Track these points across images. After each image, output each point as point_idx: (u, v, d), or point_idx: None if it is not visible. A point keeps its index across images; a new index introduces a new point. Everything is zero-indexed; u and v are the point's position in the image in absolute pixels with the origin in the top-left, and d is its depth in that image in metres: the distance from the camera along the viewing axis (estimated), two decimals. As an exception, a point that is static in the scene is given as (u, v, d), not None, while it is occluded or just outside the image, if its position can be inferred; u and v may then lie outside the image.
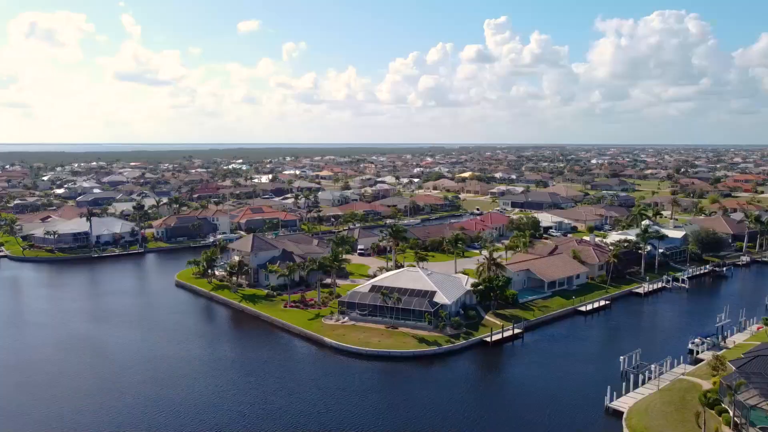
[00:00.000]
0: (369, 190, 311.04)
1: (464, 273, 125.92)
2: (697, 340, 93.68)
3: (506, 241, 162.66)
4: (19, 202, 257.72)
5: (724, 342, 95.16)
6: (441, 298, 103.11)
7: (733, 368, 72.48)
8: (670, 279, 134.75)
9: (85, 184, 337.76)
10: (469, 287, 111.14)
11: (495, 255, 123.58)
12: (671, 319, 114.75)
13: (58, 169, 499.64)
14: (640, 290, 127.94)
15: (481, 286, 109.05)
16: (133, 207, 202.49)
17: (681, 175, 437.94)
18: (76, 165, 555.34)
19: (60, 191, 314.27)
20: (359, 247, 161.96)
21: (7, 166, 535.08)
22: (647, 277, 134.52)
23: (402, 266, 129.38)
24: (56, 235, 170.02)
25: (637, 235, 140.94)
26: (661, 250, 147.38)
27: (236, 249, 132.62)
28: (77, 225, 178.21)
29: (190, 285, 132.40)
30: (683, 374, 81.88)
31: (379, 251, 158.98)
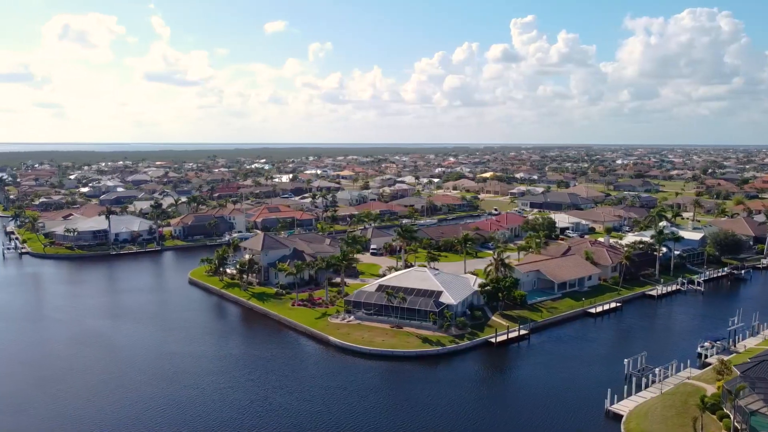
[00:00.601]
0: (387, 189, 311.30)
1: (473, 273, 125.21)
2: (706, 344, 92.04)
3: (521, 242, 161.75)
4: (44, 200, 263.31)
5: (734, 346, 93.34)
6: (447, 299, 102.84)
7: (738, 373, 71.19)
8: (685, 281, 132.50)
9: (109, 183, 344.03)
10: (476, 288, 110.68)
11: (507, 255, 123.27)
12: (683, 323, 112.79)
13: (85, 168, 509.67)
14: (654, 292, 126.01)
15: (488, 287, 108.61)
16: (151, 206, 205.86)
17: (708, 176, 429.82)
18: (103, 164, 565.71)
19: (85, 190, 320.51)
20: (372, 246, 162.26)
21: (37, 165, 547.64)
22: (662, 280, 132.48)
23: (412, 266, 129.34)
24: (76, 233, 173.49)
25: (652, 237, 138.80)
26: (677, 252, 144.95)
27: (248, 247, 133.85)
28: (97, 223, 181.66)
29: (203, 283, 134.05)
30: (688, 378, 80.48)
31: (392, 251, 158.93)
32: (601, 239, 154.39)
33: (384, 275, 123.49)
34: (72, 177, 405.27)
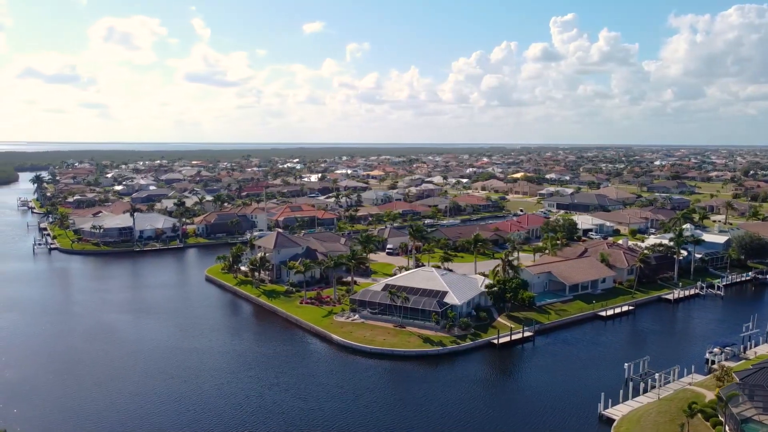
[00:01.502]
0: (413, 189, 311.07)
1: (483, 274, 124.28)
2: (715, 350, 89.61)
3: (539, 243, 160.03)
4: (78, 197, 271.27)
5: (744, 352, 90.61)
6: (452, 299, 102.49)
7: (737, 379, 69.23)
8: (704, 285, 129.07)
9: (142, 182, 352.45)
10: (484, 288, 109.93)
11: (516, 257, 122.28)
12: (696, 327, 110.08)
13: (123, 166, 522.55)
14: (670, 296, 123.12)
15: (495, 288, 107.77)
16: (175, 204, 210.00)
17: (748, 178, 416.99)
18: (140, 163, 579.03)
19: (119, 188, 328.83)
20: (388, 246, 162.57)
21: (77, 164, 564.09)
22: (680, 283, 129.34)
23: (423, 266, 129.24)
24: (102, 230, 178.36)
25: (671, 239, 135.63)
26: (699, 256, 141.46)
27: (261, 246, 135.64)
28: (122, 220, 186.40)
29: (218, 280, 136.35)
30: (690, 384, 78.63)
31: (408, 251, 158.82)
32: (619, 241, 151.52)
33: (395, 275, 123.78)
34: (109, 175, 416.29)
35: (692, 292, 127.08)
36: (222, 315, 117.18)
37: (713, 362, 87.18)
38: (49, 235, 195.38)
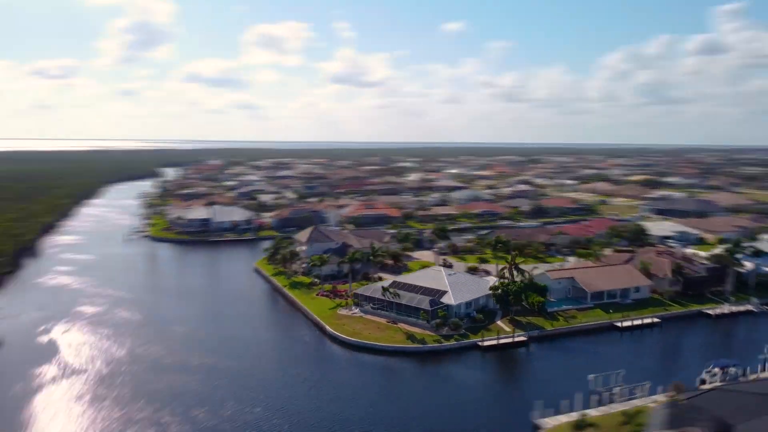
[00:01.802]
0: (506, 190, 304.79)
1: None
2: (715, 370, 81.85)
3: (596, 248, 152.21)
4: (188, 191, 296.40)
5: (745, 375, 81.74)
6: (448, 299, 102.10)
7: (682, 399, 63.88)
8: (759, 302, 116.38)
9: (252, 178, 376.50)
10: (489, 291, 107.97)
11: (526, 262, 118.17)
12: (714, 346, 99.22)
13: (249, 163, 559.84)
14: (711, 312, 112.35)
15: (499, 291, 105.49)
16: (250, 197, 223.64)
17: None
18: (261, 161, 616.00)
19: (230, 183, 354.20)
20: (436, 245, 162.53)
21: (209, 161, 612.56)
22: (732, 298, 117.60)
23: (451, 266, 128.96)
24: (186, 221, 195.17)
25: (727, 250, 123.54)
26: (766, 269, 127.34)
27: (297, 239, 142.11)
28: (203, 212, 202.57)
29: (261, 270, 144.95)
30: (655, 402, 72.90)
31: (455, 251, 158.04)
32: (672, 249, 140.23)
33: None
34: (229, 172, 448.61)
35: (744, 308, 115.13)
36: (247, 301, 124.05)
37: (703, 381, 79.95)
38: (146, 223, 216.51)
